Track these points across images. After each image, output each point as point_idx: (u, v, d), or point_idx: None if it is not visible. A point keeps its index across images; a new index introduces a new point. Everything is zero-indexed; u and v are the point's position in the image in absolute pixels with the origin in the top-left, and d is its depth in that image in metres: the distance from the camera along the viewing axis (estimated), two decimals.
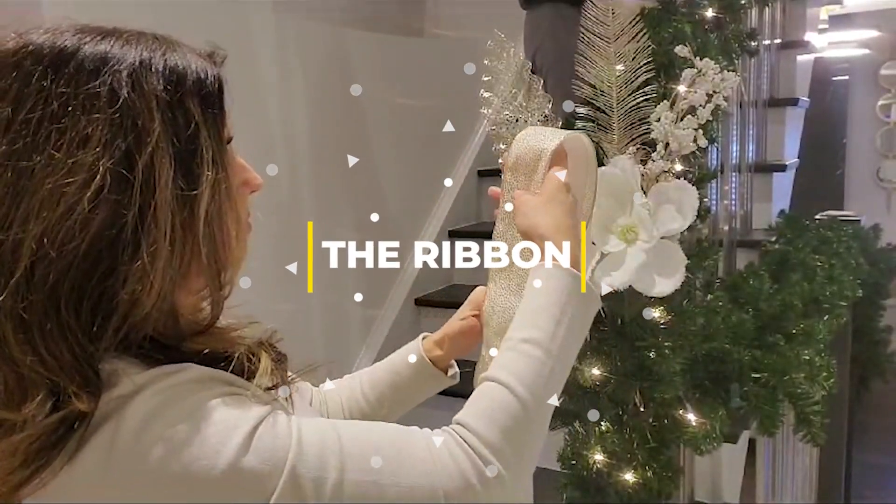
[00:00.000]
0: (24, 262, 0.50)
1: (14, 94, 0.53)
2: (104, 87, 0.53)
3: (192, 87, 0.59)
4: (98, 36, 0.60)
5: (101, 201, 0.51)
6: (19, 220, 0.51)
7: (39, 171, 0.51)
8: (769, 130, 2.48)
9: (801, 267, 1.70)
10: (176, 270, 0.54)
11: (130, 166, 0.52)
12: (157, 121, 0.54)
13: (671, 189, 0.96)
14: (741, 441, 1.73)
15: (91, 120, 0.52)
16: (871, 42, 4.82)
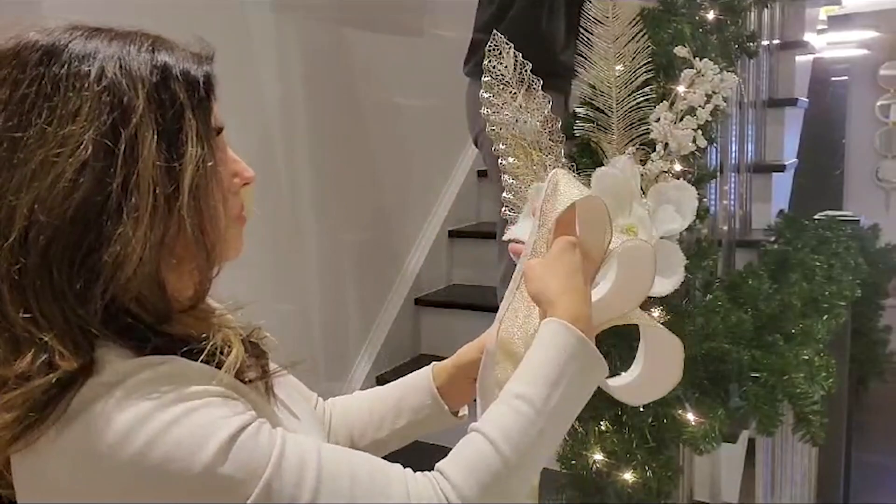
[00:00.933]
0: (17, 227, 0.54)
1: (12, 80, 0.57)
2: (93, 68, 0.58)
3: (178, 73, 0.62)
4: (91, 31, 0.65)
5: (87, 170, 0.55)
6: (13, 189, 0.54)
7: (32, 143, 0.55)
8: (768, 131, 2.48)
9: (800, 267, 1.70)
10: (158, 239, 0.56)
11: (115, 139, 0.56)
12: (142, 99, 0.58)
13: (670, 189, 0.96)
14: (740, 441, 1.73)
15: (80, 97, 0.56)
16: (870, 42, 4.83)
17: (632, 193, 0.96)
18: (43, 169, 0.54)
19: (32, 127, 0.55)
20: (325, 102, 2.13)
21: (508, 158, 1.07)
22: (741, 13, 1.43)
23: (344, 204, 2.20)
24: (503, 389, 0.64)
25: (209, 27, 1.79)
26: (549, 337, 0.65)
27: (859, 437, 2.78)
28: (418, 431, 0.87)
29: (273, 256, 1.94)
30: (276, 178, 1.96)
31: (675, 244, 0.96)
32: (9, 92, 0.56)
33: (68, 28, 0.64)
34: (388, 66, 2.38)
